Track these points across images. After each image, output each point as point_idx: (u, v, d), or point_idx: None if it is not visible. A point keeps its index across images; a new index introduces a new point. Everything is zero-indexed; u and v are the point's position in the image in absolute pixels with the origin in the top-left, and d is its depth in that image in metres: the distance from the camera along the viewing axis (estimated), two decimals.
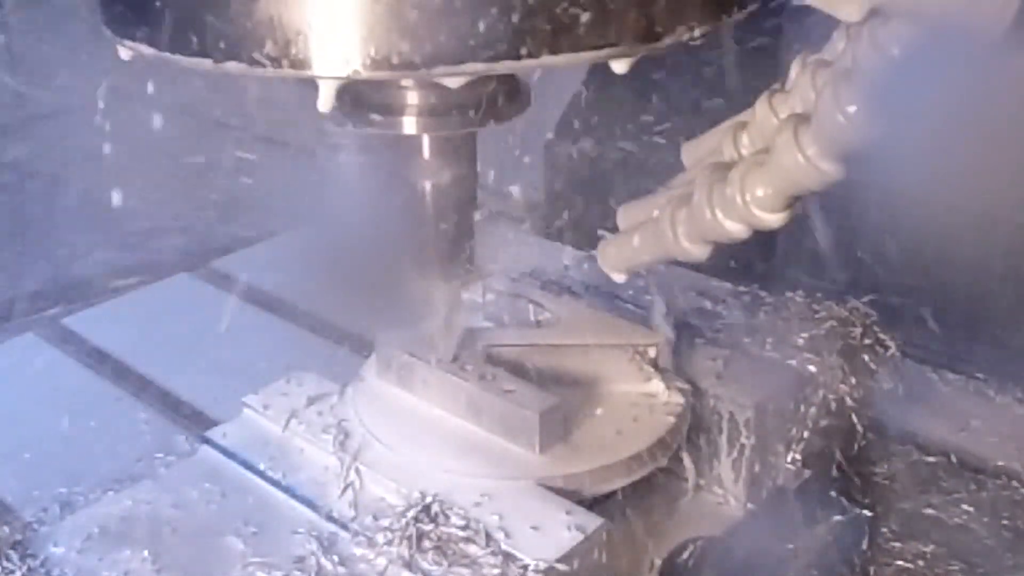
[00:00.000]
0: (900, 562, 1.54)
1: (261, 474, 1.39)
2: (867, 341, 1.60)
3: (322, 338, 2.09)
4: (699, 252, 1.20)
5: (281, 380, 1.53)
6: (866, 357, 1.60)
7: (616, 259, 1.35)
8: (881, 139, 0.97)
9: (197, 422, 1.84)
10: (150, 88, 1.50)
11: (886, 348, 1.61)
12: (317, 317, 2.14)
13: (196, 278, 2.40)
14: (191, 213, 2.76)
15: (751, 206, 1.10)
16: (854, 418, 1.60)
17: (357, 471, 1.34)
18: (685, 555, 1.36)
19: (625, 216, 1.34)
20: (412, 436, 1.37)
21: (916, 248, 1.82)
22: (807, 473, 1.52)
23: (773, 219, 1.11)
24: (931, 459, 1.74)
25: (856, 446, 1.66)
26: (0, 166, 3.18)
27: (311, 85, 1.03)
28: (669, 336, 1.48)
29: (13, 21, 3.52)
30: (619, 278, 1.38)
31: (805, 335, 1.57)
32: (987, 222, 1.90)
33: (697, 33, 1.07)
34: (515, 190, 2.62)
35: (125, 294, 2.33)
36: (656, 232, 1.23)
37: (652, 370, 1.45)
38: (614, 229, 1.39)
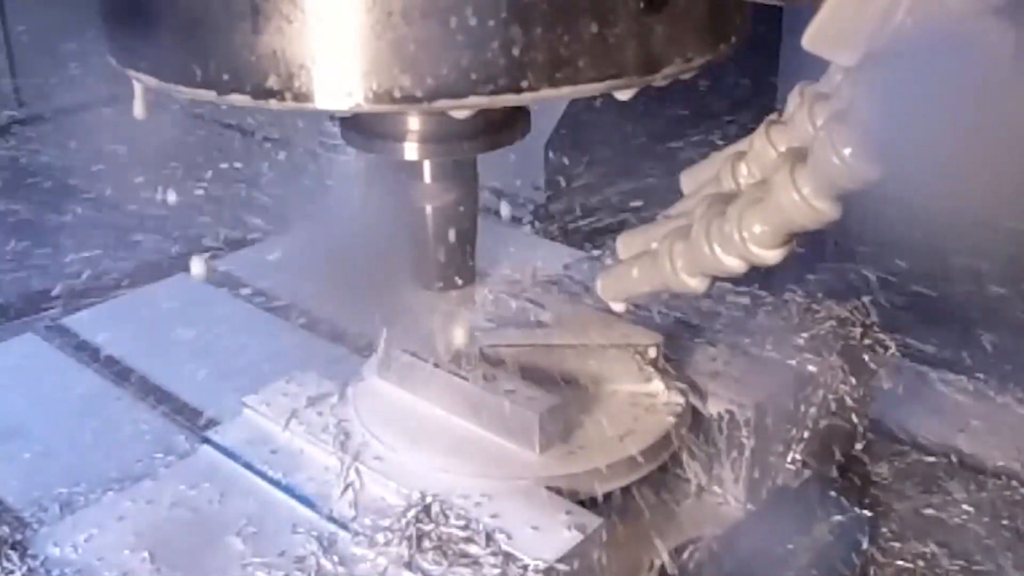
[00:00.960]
0: (900, 562, 1.53)
1: (261, 474, 1.39)
2: (867, 341, 1.60)
3: (322, 338, 2.09)
4: (697, 285, 1.22)
5: (281, 380, 1.53)
6: (866, 357, 1.60)
7: (615, 289, 1.36)
8: (877, 181, 0.98)
9: (197, 422, 1.84)
10: None
11: (886, 348, 1.61)
12: (317, 317, 2.14)
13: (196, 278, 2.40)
14: None
15: (748, 243, 1.11)
16: (854, 418, 1.60)
17: (357, 471, 1.34)
18: (685, 555, 1.36)
19: (625, 246, 1.35)
20: (412, 436, 1.37)
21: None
22: (807, 473, 1.52)
23: (770, 256, 1.12)
24: (931, 459, 1.74)
25: (856, 446, 1.66)
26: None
27: None
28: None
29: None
30: (618, 308, 1.39)
31: (805, 335, 1.57)
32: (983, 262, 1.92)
33: (695, 63, 1.08)
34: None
35: (125, 294, 2.33)
36: (655, 264, 1.24)
37: (652, 370, 1.45)
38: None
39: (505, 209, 2.22)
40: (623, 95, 1.08)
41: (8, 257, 2.57)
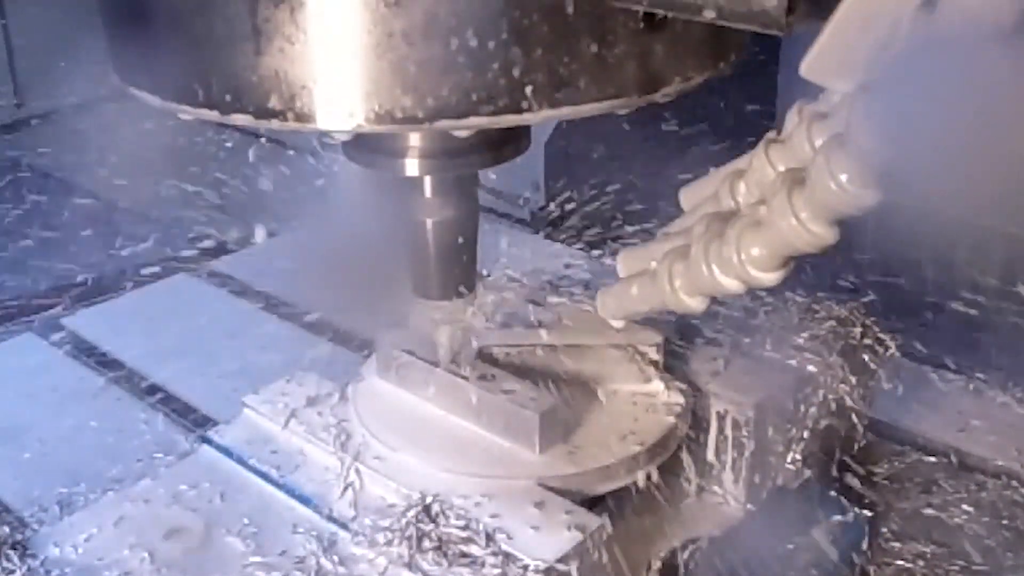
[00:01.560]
0: (900, 562, 1.54)
1: (261, 474, 1.39)
2: (867, 341, 1.60)
3: (322, 338, 2.09)
4: (696, 305, 1.22)
5: (281, 380, 1.53)
6: (866, 357, 1.60)
7: (615, 308, 1.38)
8: (874, 207, 0.98)
9: (197, 422, 1.84)
10: None
11: (886, 348, 1.61)
12: (317, 317, 2.14)
13: (196, 278, 2.40)
14: None
15: (747, 265, 1.12)
16: (854, 418, 1.60)
17: (357, 471, 1.34)
18: (685, 555, 1.36)
19: (624, 264, 1.36)
20: (412, 436, 1.37)
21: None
22: (807, 473, 1.52)
23: (768, 278, 1.12)
24: (931, 459, 1.74)
25: (856, 446, 1.66)
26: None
27: None
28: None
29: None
30: (618, 325, 1.39)
31: (805, 335, 1.57)
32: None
33: (695, 81, 1.08)
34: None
35: (125, 294, 2.33)
36: (654, 284, 1.25)
37: (652, 370, 1.45)
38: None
39: None
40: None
41: (8, 257, 2.57)
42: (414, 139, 1.22)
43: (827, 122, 1.11)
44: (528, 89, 0.99)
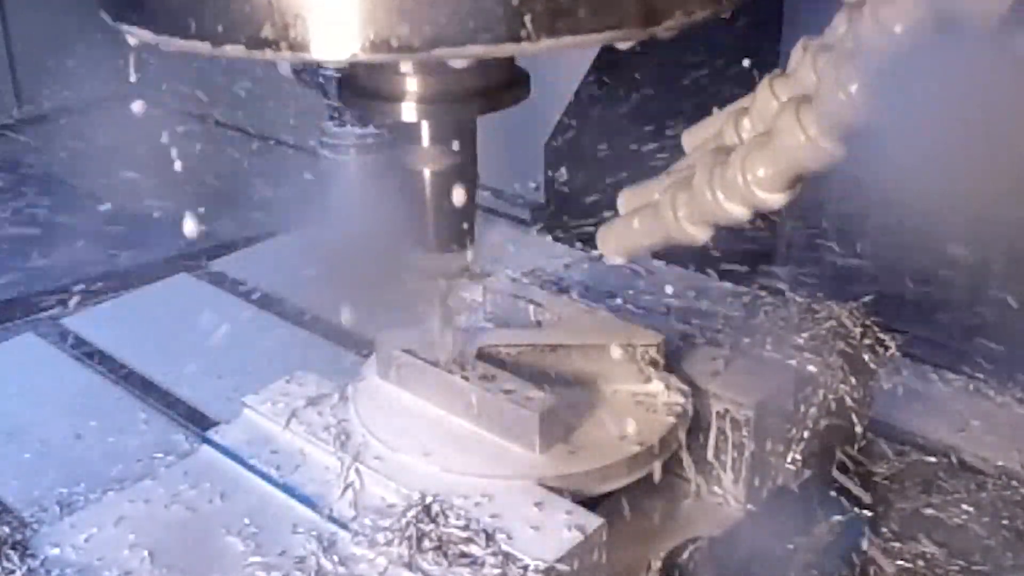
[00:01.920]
0: (900, 562, 1.54)
1: (261, 474, 1.39)
2: (867, 341, 1.60)
3: (322, 338, 2.09)
4: (700, 234, 1.19)
5: (281, 380, 1.53)
6: (866, 357, 1.60)
7: (616, 243, 1.34)
8: (881, 119, 0.97)
9: (197, 422, 1.84)
10: None
11: (886, 348, 1.61)
12: (317, 317, 2.14)
13: (196, 278, 2.40)
14: None
15: (752, 186, 1.09)
16: (854, 418, 1.60)
17: (357, 471, 1.34)
18: (685, 555, 1.36)
19: (626, 201, 1.33)
20: (412, 436, 1.37)
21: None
22: (807, 473, 1.52)
23: (775, 199, 1.10)
24: (931, 459, 1.74)
25: (856, 446, 1.66)
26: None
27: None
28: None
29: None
30: (618, 261, 1.36)
31: (805, 335, 1.57)
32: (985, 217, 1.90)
33: (698, 17, 1.07)
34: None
35: (125, 294, 2.34)
36: (657, 215, 1.22)
37: (652, 370, 1.45)
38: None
39: None
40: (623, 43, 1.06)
41: (8, 257, 2.57)
42: (412, 84, 1.21)
43: (834, 49, 1.09)
44: (526, 17, 0.98)
